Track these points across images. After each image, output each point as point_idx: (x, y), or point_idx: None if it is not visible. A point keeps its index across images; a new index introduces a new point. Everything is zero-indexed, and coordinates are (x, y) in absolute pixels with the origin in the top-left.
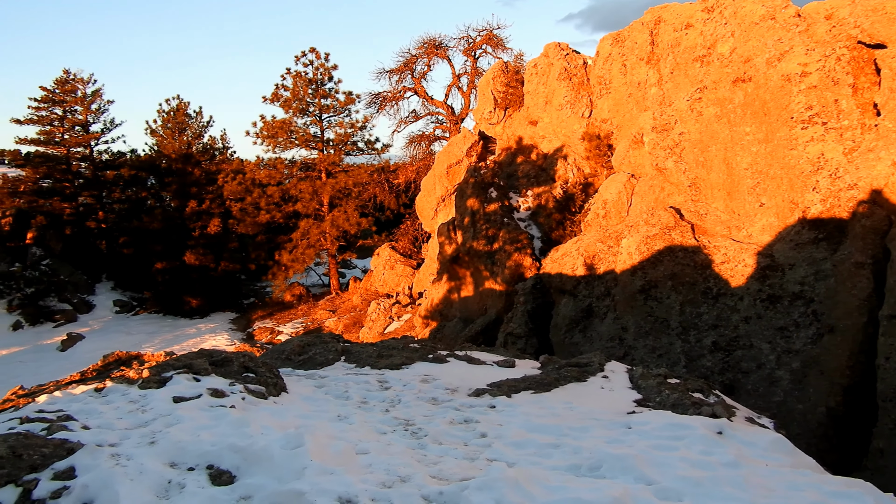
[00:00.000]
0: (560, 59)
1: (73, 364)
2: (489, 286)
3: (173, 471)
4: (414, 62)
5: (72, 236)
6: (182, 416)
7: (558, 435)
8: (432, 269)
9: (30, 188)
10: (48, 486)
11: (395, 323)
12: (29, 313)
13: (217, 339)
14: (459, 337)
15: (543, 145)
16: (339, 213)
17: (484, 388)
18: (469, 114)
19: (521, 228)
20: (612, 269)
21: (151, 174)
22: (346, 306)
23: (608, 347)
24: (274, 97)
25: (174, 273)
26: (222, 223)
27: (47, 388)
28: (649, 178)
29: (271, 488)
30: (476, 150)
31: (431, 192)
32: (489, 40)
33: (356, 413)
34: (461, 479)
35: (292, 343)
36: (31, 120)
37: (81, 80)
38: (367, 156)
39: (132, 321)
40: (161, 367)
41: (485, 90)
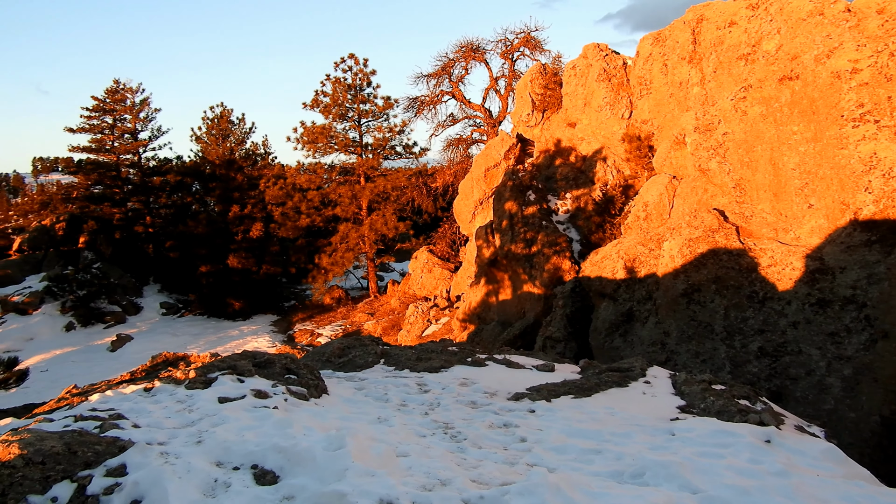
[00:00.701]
0: (599, 59)
1: (122, 364)
2: (527, 289)
3: (219, 470)
4: (451, 66)
5: (121, 240)
6: (227, 417)
7: (599, 440)
8: (470, 272)
9: (82, 194)
10: (101, 483)
11: (433, 326)
12: (81, 315)
13: (259, 340)
14: (497, 340)
15: (582, 147)
16: (378, 217)
17: (523, 392)
18: (507, 117)
19: (560, 231)
20: (653, 272)
21: (196, 180)
22: (384, 309)
23: (650, 352)
24: (314, 103)
25: (218, 276)
26: (264, 227)
27: (99, 388)
28: (692, 180)
29: (314, 489)
30: (514, 153)
31: (469, 195)
32: (527, 42)
33: (396, 416)
34: (501, 483)
35: (332, 345)
36: (83, 129)
37: (130, 89)
38: (405, 160)
39: (178, 323)
40: (207, 368)
41: (522, 93)
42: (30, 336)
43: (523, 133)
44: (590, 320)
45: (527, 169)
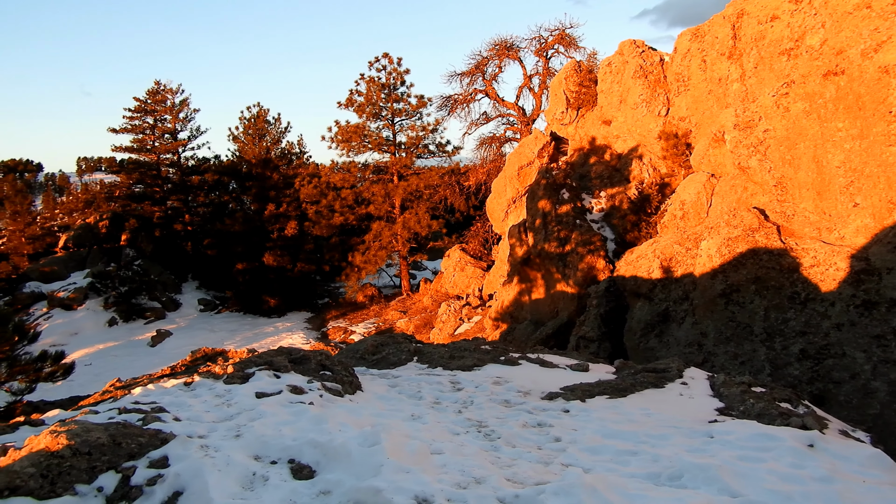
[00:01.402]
0: (635, 56)
1: (161, 359)
2: (561, 289)
3: (257, 463)
4: (485, 64)
5: (161, 238)
6: (264, 412)
7: (635, 442)
8: (503, 270)
9: (124, 193)
10: (144, 474)
11: (466, 324)
12: (123, 310)
13: (293, 337)
14: (530, 339)
15: (617, 145)
16: (411, 216)
17: (557, 391)
18: (540, 115)
19: (594, 230)
20: (690, 272)
21: (233, 178)
22: (416, 307)
23: (686, 353)
24: (348, 102)
25: (254, 273)
26: (299, 225)
27: (141, 381)
28: (731, 178)
29: (350, 484)
30: (548, 152)
31: (502, 193)
32: (561, 40)
33: (429, 413)
34: (536, 482)
35: (366, 343)
36: (125, 129)
37: (171, 90)
38: (438, 158)
39: (215, 319)
40: (244, 363)
41: (557, 90)
42: (74, 331)
43: (557, 131)
44: (624, 320)
45: (561, 167)
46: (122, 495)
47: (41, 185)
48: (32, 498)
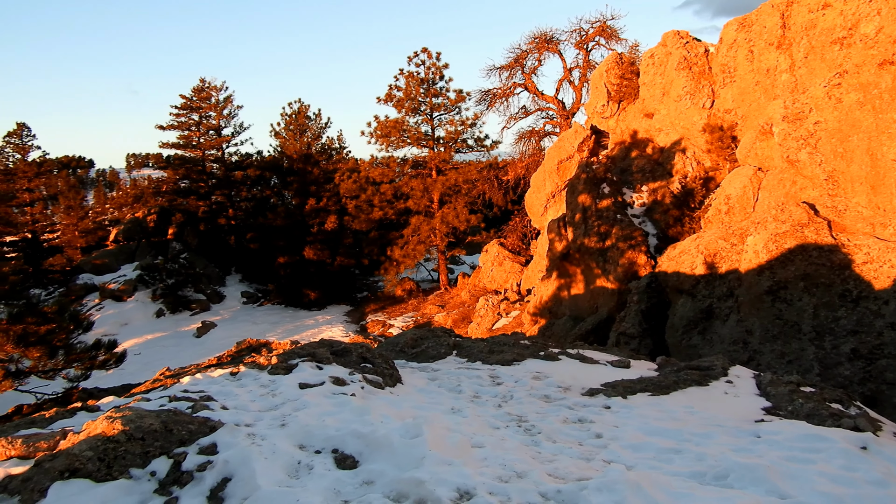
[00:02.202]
0: (679, 47)
1: (206, 349)
2: (600, 284)
3: (302, 452)
4: (524, 58)
5: (205, 232)
6: (308, 402)
7: (679, 440)
8: (541, 265)
9: (170, 188)
10: (195, 460)
11: (504, 319)
12: (170, 302)
13: (333, 330)
14: (569, 335)
15: (660, 138)
16: (449, 210)
17: (598, 387)
18: (580, 108)
19: (635, 225)
20: (735, 268)
21: (275, 174)
22: (454, 302)
23: (731, 351)
24: (387, 97)
25: (294, 267)
26: (338, 220)
27: (189, 371)
28: (779, 172)
29: (392, 475)
30: (588, 145)
31: (541, 188)
32: (602, 32)
33: (469, 407)
34: (578, 478)
35: (406, 336)
36: (172, 126)
37: (215, 87)
38: (477, 153)
39: (258, 311)
40: (287, 354)
41: (597, 83)
42: (125, 321)
43: (598, 125)
44: (666, 317)
45: (601, 161)
46: (174, 480)
47: (93, 181)
48: (91, 480)
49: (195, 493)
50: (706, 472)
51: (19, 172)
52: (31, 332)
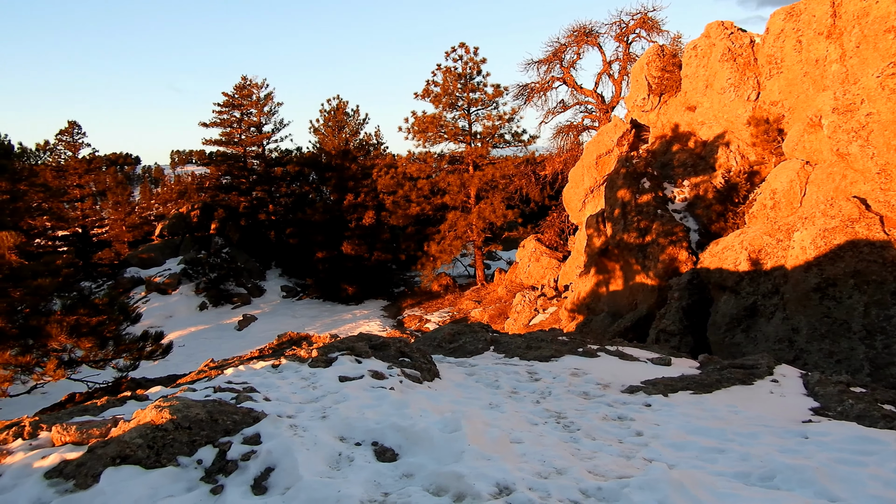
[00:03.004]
0: (723, 38)
1: (247, 342)
2: (640, 280)
3: (343, 444)
4: (563, 51)
5: (246, 227)
6: (348, 395)
7: (722, 439)
8: (579, 261)
9: (213, 184)
10: (239, 449)
11: (541, 315)
12: (212, 295)
13: (370, 324)
14: (607, 332)
15: (702, 132)
16: (486, 206)
17: (638, 385)
18: (620, 102)
19: (676, 220)
20: (781, 264)
21: (313, 169)
22: (491, 297)
23: (776, 350)
24: (425, 93)
25: (333, 262)
26: (376, 215)
27: (232, 363)
28: (828, 165)
29: (431, 468)
30: (627, 139)
31: (579, 183)
32: (643, 24)
33: (507, 402)
34: (618, 476)
35: (443, 331)
36: (214, 123)
37: (256, 85)
38: (514, 148)
39: (297, 305)
40: (327, 348)
41: (638, 76)
42: (169, 314)
43: (638, 118)
44: (707, 314)
45: (641, 155)
46: (220, 468)
47: (139, 177)
48: (141, 466)
49: (240, 481)
50: (751, 473)
51: (70, 169)
52: (83, 323)
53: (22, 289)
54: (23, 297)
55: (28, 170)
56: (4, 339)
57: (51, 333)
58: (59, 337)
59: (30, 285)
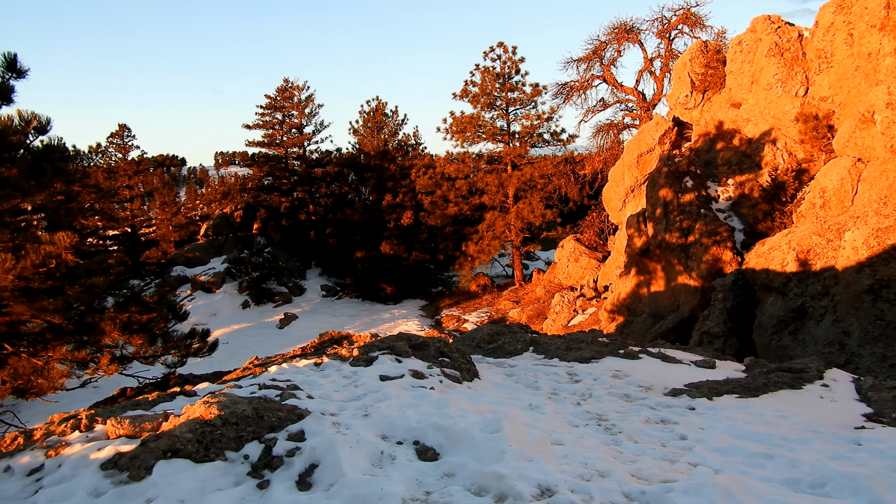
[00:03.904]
0: (770, 33)
1: (288, 340)
2: (682, 281)
3: (384, 443)
4: (603, 49)
5: (287, 227)
6: (389, 394)
7: (770, 445)
8: (619, 262)
9: (255, 185)
10: (284, 446)
11: (580, 316)
12: (254, 294)
13: (409, 324)
14: (648, 333)
15: (748, 129)
16: (524, 205)
17: (681, 388)
18: (662, 99)
19: (720, 220)
20: (831, 265)
21: (353, 170)
22: (529, 297)
23: (825, 353)
24: (463, 93)
25: (371, 261)
26: (414, 215)
27: (276, 360)
28: (881, 163)
29: (473, 468)
30: (669, 138)
31: (619, 182)
32: (686, 19)
33: (547, 404)
34: (662, 480)
35: (482, 331)
36: (257, 125)
37: (297, 87)
38: (553, 147)
39: (336, 304)
40: (368, 347)
41: (680, 73)
42: (213, 311)
43: (680, 116)
44: (753, 316)
45: (684, 154)
46: (266, 464)
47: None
48: (191, 460)
49: (285, 477)
50: (801, 480)
51: (120, 171)
52: (134, 320)
53: (77, 286)
54: (78, 295)
55: (81, 171)
56: (61, 335)
57: (104, 330)
58: (112, 333)
59: (84, 283)
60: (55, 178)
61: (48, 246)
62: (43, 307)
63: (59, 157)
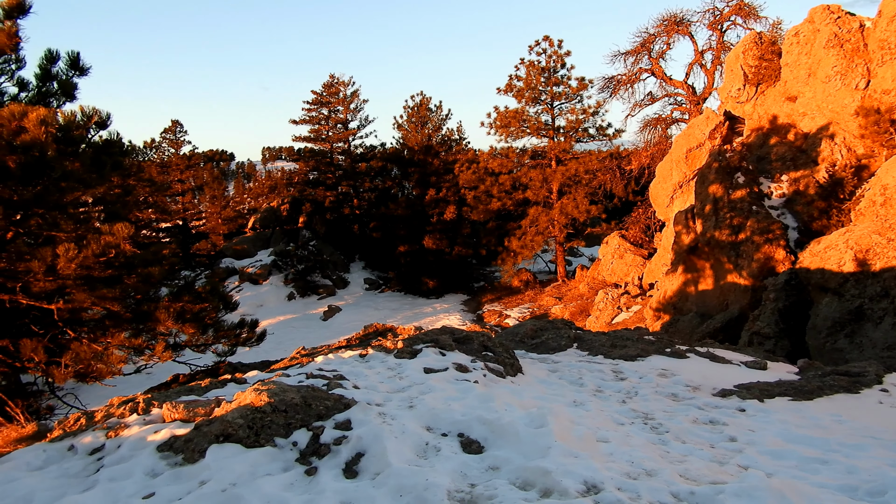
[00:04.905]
0: (829, 23)
1: (332, 332)
2: (731, 280)
3: (429, 434)
4: (652, 41)
5: (332, 221)
6: (433, 386)
7: (825, 450)
8: (665, 259)
9: (301, 179)
10: (331, 434)
11: (624, 314)
12: (300, 286)
13: (450, 318)
14: (695, 332)
15: (804, 123)
16: (568, 201)
17: (730, 388)
18: (712, 93)
19: (773, 217)
20: (891, 265)
21: (396, 165)
22: (572, 294)
23: (885, 357)
24: (507, 88)
25: (414, 256)
26: (457, 210)
27: (322, 351)
28: None
29: (518, 463)
30: (720, 132)
31: (667, 178)
32: (739, 10)
33: (592, 401)
34: (711, 482)
35: (525, 326)
36: (304, 120)
37: (343, 82)
38: (598, 142)
39: (379, 298)
40: (412, 339)
41: (733, 65)
42: (260, 303)
43: (732, 110)
44: (806, 317)
45: (735, 149)
46: (313, 451)
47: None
48: (242, 445)
49: (332, 464)
50: (858, 487)
51: (173, 165)
52: (187, 309)
53: (134, 276)
54: (135, 284)
55: (137, 166)
56: (119, 322)
57: (159, 319)
58: (166, 322)
59: (141, 273)
60: (114, 172)
61: (108, 237)
62: (102, 295)
63: (118, 151)
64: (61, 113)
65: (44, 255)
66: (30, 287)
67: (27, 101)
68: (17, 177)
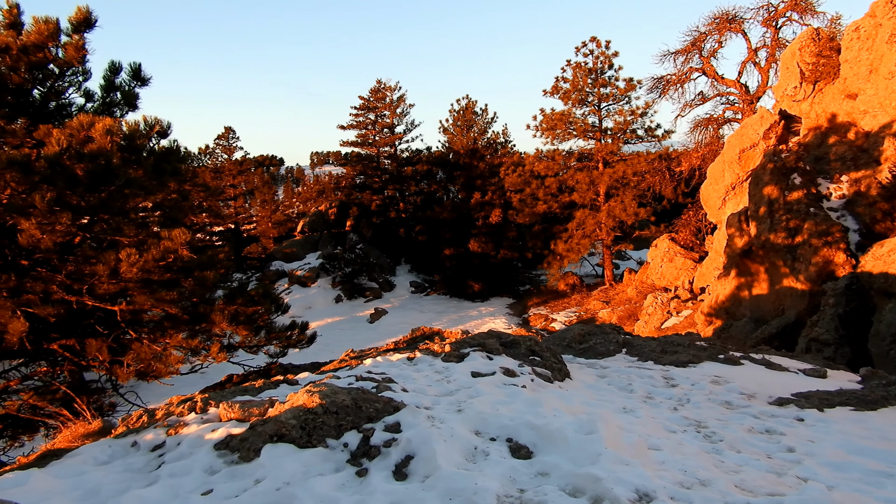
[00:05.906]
0: (892, 17)
1: (378, 334)
2: (788, 284)
3: (478, 438)
4: (703, 40)
5: (378, 224)
6: (481, 390)
7: (890, 463)
8: (717, 262)
9: (348, 183)
10: (381, 436)
11: (674, 318)
12: (347, 289)
13: (496, 322)
14: (749, 338)
15: (865, 122)
16: (616, 203)
17: (788, 397)
18: (767, 91)
19: (833, 219)
20: None
21: (442, 168)
22: (619, 298)
23: None
24: (554, 90)
25: (459, 259)
26: (502, 213)
27: (370, 353)
28: None
29: (567, 469)
30: (775, 132)
31: (719, 179)
32: (795, 6)
33: (642, 407)
34: (769, 493)
35: (573, 331)
36: (351, 125)
37: (390, 87)
38: (647, 143)
39: (424, 300)
40: (459, 343)
41: (789, 63)
42: (309, 305)
43: (787, 109)
44: (868, 323)
45: (791, 149)
46: (364, 452)
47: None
48: (295, 445)
49: (382, 466)
50: None
51: (225, 170)
52: (240, 312)
53: (191, 279)
54: (191, 287)
55: (192, 171)
56: (177, 324)
57: (214, 321)
58: (221, 324)
59: (197, 277)
60: (172, 178)
61: (167, 242)
62: (161, 298)
63: (177, 158)
64: (125, 122)
65: (108, 259)
66: (95, 289)
67: (93, 111)
68: (85, 184)
